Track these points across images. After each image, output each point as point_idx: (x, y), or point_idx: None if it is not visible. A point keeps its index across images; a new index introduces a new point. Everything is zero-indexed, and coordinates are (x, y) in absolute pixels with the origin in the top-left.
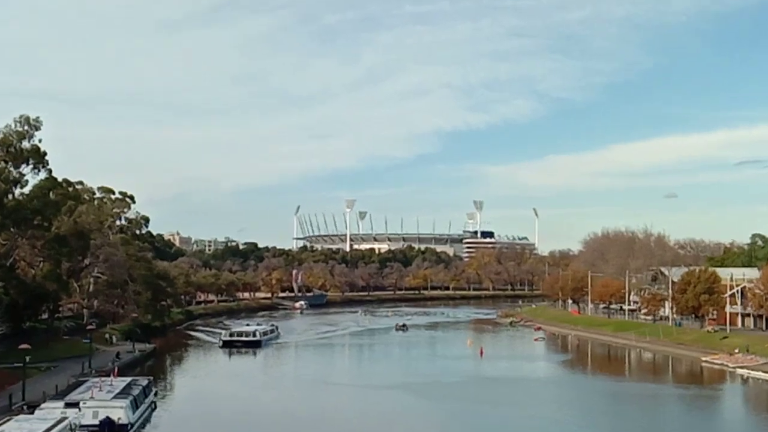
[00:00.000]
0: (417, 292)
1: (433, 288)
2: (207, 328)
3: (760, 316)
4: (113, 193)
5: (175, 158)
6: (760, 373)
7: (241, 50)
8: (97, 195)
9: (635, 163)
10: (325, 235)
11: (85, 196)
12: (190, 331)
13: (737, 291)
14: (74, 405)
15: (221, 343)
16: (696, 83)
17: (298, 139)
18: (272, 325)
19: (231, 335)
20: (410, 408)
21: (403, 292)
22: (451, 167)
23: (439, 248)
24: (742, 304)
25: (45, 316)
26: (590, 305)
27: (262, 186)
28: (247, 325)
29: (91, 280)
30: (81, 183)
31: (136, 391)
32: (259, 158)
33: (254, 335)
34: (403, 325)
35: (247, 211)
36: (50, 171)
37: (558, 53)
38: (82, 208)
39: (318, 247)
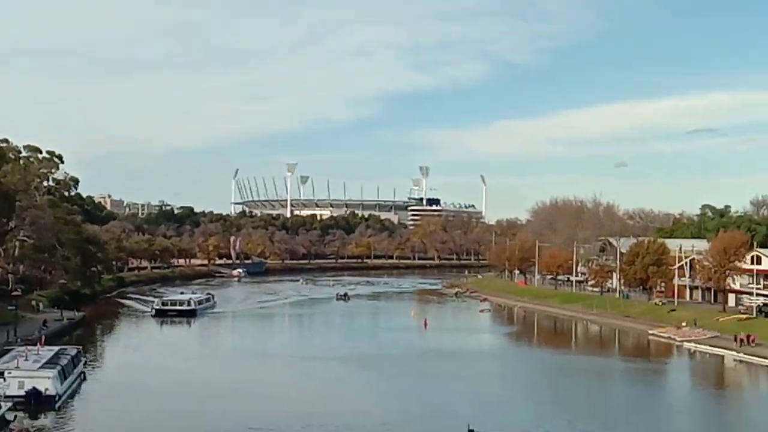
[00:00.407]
0: (360, 260)
1: (377, 257)
2: (139, 296)
3: (709, 289)
4: (40, 152)
5: (106, 116)
6: (707, 346)
7: (176, 3)
8: (23, 154)
9: (587, 130)
10: (264, 201)
11: (10, 155)
12: (121, 299)
13: (686, 263)
14: None
15: (154, 312)
16: (649, 48)
17: (236, 99)
18: (208, 293)
19: (164, 304)
20: (351, 381)
21: (345, 260)
22: (396, 132)
23: (384, 215)
24: (690, 276)
25: None
26: (537, 276)
27: (199, 148)
28: (181, 293)
29: (17, 243)
30: (6, 141)
31: (64, 361)
32: (194, 118)
33: (189, 304)
34: (345, 295)
35: (183, 173)
36: None
37: (509, 15)
38: (6, 168)
39: (257, 212)
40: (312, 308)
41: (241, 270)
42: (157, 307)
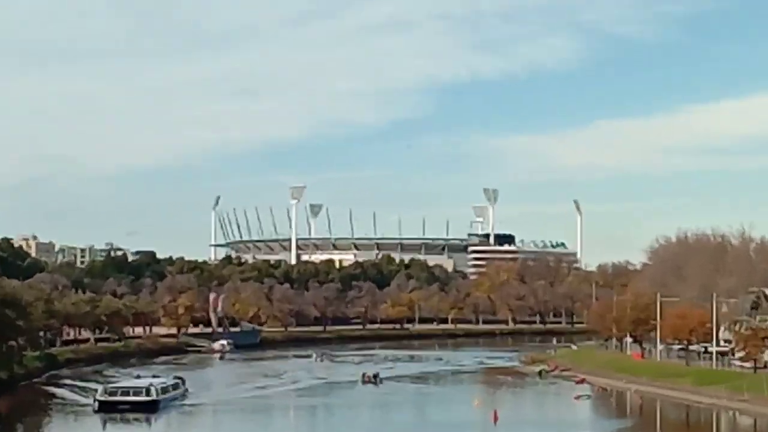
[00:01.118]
0: (398, 326)
1: (423, 320)
2: (78, 383)
3: None
4: None
5: (30, 126)
6: None
7: None
8: None
9: (725, 133)
10: (258, 241)
11: None
12: (52, 386)
13: None
14: None
15: (96, 406)
16: None
17: (216, 96)
18: (176, 377)
19: (111, 393)
20: None
21: (377, 326)
22: (449, 139)
23: (432, 260)
24: None
25: None
26: (660, 346)
27: (163, 167)
28: (137, 377)
29: None
30: None
31: None
32: (157, 125)
33: (148, 393)
34: (375, 376)
35: (141, 205)
36: None
37: None
38: None
39: (248, 258)
40: (331, 397)
41: (225, 342)
42: (102, 398)
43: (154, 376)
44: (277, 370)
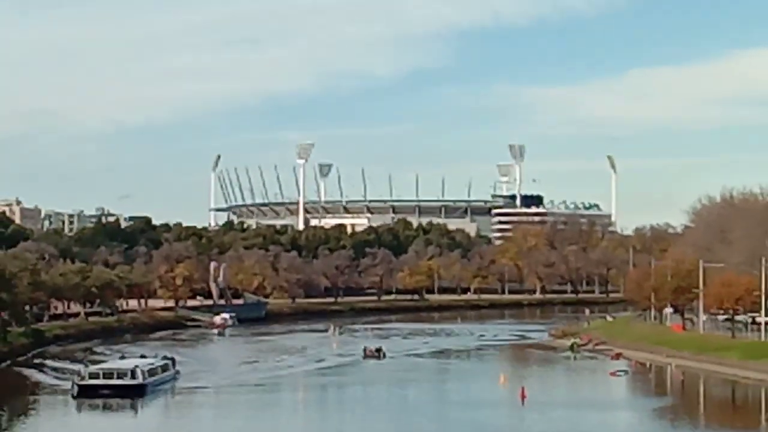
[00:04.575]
0: (416, 297)
1: (444, 290)
2: (64, 364)
3: None
4: None
5: (8, 78)
6: None
7: None
8: None
9: None
10: (262, 205)
11: None
12: (37, 366)
13: None
14: None
15: (76, 391)
16: None
17: (211, 45)
18: (166, 357)
19: (92, 376)
20: None
21: (393, 297)
22: (471, 91)
23: (453, 224)
24: None
25: None
26: (703, 317)
27: (156, 124)
28: (122, 357)
29: None
30: None
31: None
32: (148, 78)
33: (132, 376)
34: (378, 350)
35: (132, 165)
36: None
37: None
38: None
39: (251, 223)
40: (344, 375)
41: (227, 315)
42: (81, 383)
43: (141, 356)
44: (288, 347)
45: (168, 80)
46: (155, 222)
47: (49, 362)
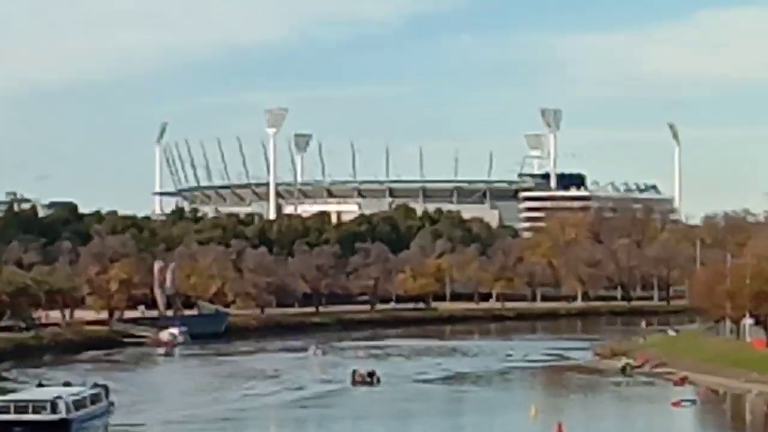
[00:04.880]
0: (422, 305)
1: (457, 296)
2: None
3: None
4: None
5: None
6: None
7: None
8: None
9: None
10: (222, 187)
11: None
12: None
13: None
14: None
15: None
16: None
17: None
18: (96, 385)
19: (1, 410)
20: None
21: (391, 306)
22: (490, 40)
23: (469, 211)
24: None
25: None
26: None
27: (82, 85)
28: (39, 385)
29: None
30: None
31: None
32: (69, 24)
33: (53, 409)
34: (370, 375)
35: (53, 138)
36: None
37: None
38: None
39: (208, 211)
40: (332, 408)
41: (176, 331)
42: None
43: (65, 384)
44: (257, 371)
45: (98, 28)
46: (82, 210)
47: None
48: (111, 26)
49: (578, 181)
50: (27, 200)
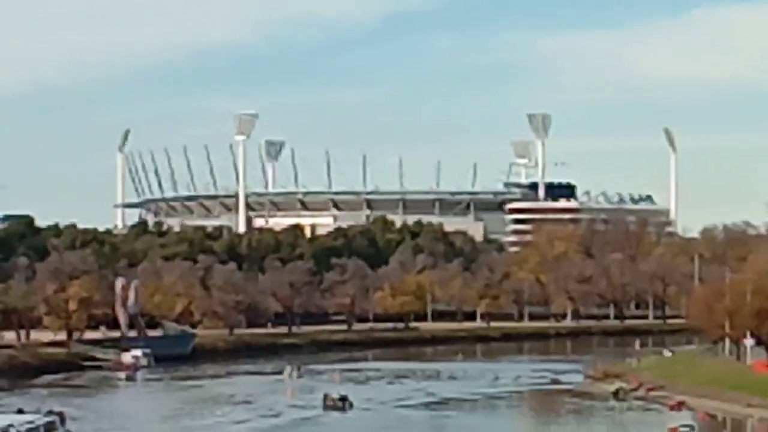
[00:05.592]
0: (401, 325)
1: (440, 315)
2: None
3: None
4: None
5: None
6: None
7: None
8: None
9: None
10: (188, 198)
11: None
12: None
13: None
14: None
15: None
16: None
17: None
18: (51, 412)
19: None
20: None
21: (369, 325)
22: (472, 41)
23: (452, 224)
24: None
25: None
26: None
27: (37, 90)
28: None
29: None
30: None
31: None
32: (23, 25)
33: None
34: (342, 399)
35: (6, 146)
36: None
37: None
38: None
39: (173, 224)
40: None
41: (139, 353)
42: None
43: (18, 411)
44: (226, 396)
45: (55, 29)
46: (39, 223)
47: None
48: (68, 26)
49: (568, 191)
50: None
